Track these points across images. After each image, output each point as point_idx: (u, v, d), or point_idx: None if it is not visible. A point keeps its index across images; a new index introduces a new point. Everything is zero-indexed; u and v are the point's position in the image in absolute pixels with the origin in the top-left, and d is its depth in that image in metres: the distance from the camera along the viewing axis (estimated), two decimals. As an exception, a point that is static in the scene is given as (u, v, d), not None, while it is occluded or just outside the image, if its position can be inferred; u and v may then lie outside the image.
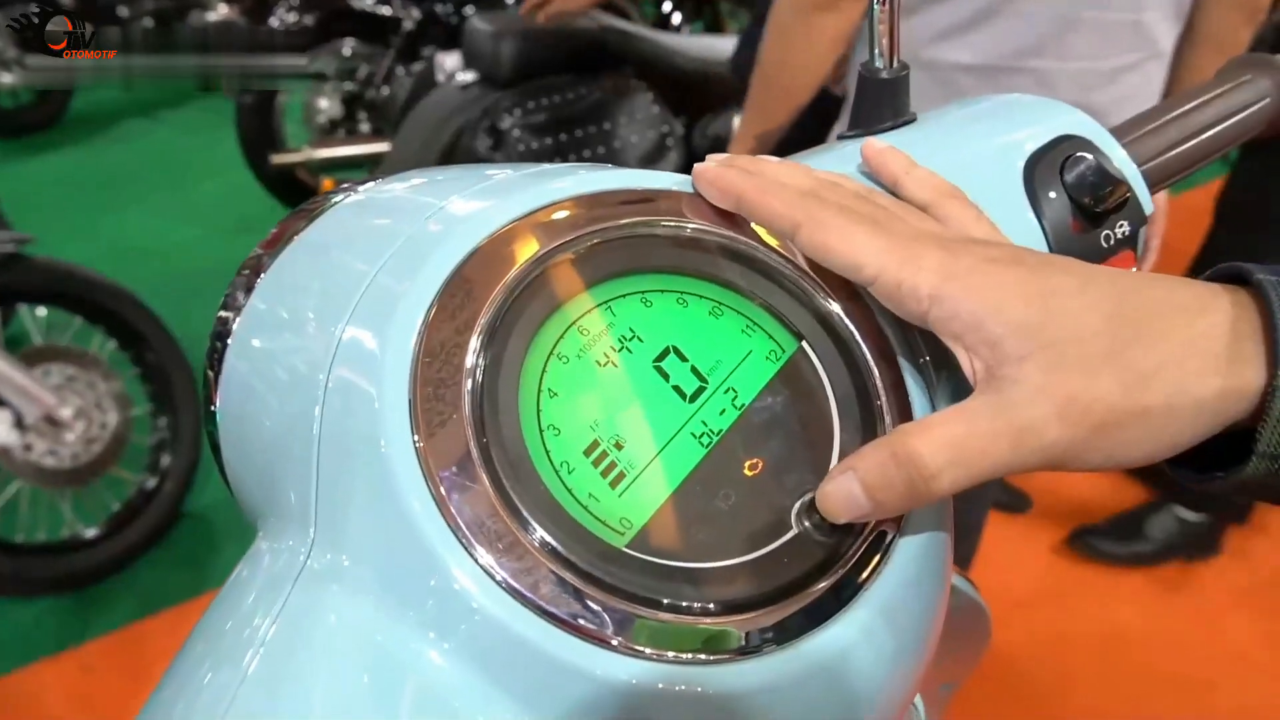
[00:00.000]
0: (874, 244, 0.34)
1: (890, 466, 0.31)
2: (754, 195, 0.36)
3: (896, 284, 0.33)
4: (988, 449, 0.31)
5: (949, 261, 0.33)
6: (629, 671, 0.29)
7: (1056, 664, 1.79)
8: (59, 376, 1.96)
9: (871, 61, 0.43)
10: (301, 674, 0.29)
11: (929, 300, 0.32)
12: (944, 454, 0.31)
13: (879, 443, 0.32)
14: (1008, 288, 0.32)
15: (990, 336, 0.31)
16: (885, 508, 0.31)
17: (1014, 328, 0.31)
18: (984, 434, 0.31)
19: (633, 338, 0.34)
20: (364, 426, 0.31)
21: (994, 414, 0.31)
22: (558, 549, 0.29)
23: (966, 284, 0.32)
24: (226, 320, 0.37)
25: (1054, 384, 0.30)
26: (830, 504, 0.32)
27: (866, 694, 0.32)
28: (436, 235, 0.34)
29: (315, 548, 0.31)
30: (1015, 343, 0.31)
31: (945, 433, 0.31)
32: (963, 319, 0.32)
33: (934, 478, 0.31)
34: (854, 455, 0.32)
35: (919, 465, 0.31)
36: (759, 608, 0.31)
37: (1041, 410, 0.30)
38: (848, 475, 0.32)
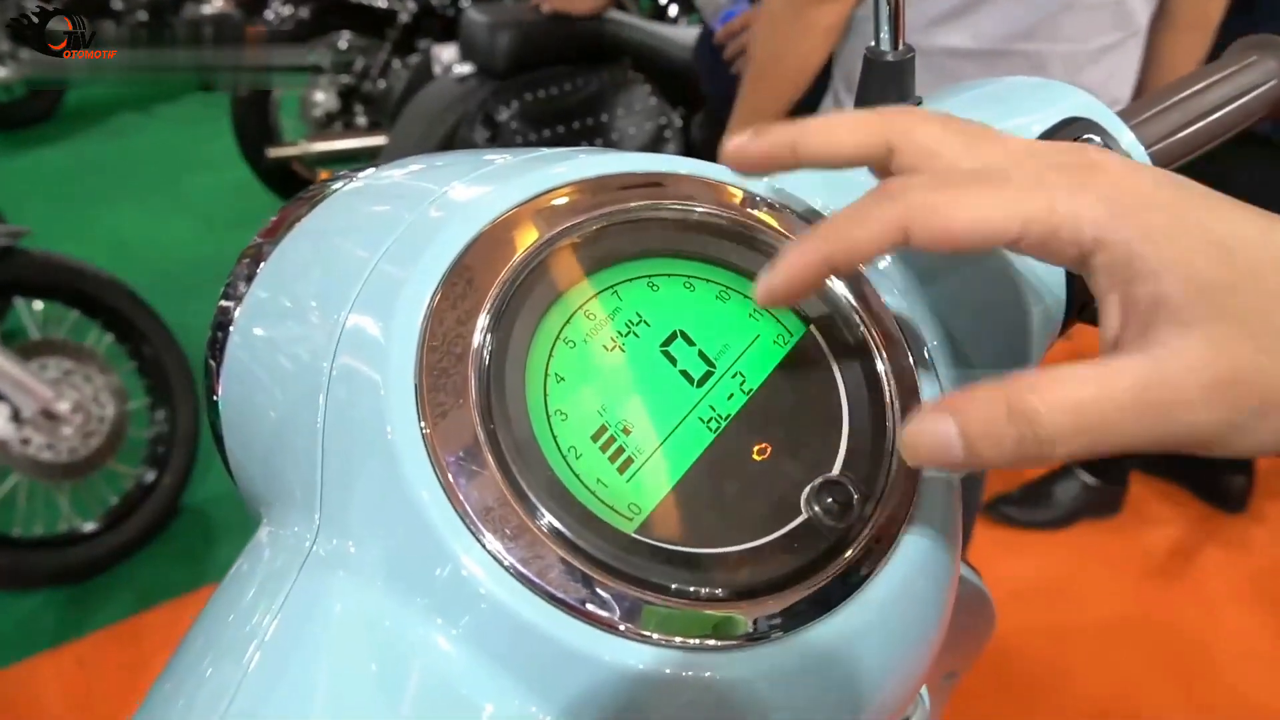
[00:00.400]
0: (1002, 198, 0.28)
1: (1001, 420, 0.27)
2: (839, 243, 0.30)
3: (1051, 231, 0.28)
4: (1121, 421, 0.26)
5: (1109, 190, 0.28)
6: (636, 657, 0.29)
7: (1055, 655, 1.79)
8: (56, 370, 1.96)
9: (877, 44, 0.43)
10: (306, 662, 0.29)
11: (1094, 243, 0.28)
12: (1068, 419, 0.26)
13: (991, 390, 0.27)
14: (1191, 232, 0.27)
15: (1163, 293, 0.27)
16: (982, 461, 0.28)
17: (1198, 289, 0.26)
18: (1120, 403, 0.26)
19: (640, 322, 0.34)
20: (369, 414, 0.31)
21: (1138, 382, 0.26)
22: (565, 534, 0.29)
23: (1142, 224, 0.27)
24: (228, 309, 0.37)
25: (1220, 360, 0.26)
26: (917, 445, 0.28)
27: (874, 681, 0.32)
28: (440, 221, 0.34)
29: (321, 534, 0.31)
30: (1192, 306, 0.26)
31: (1074, 394, 0.27)
32: (1134, 268, 0.27)
33: (1050, 442, 0.27)
34: (958, 397, 0.28)
35: (1036, 424, 0.27)
36: (767, 594, 0.31)
37: (1197, 387, 0.26)
38: (944, 418, 0.28)
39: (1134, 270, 0.27)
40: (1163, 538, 2.06)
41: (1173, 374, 0.26)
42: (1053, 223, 0.28)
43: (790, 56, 1.21)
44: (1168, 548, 2.04)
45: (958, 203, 0.29)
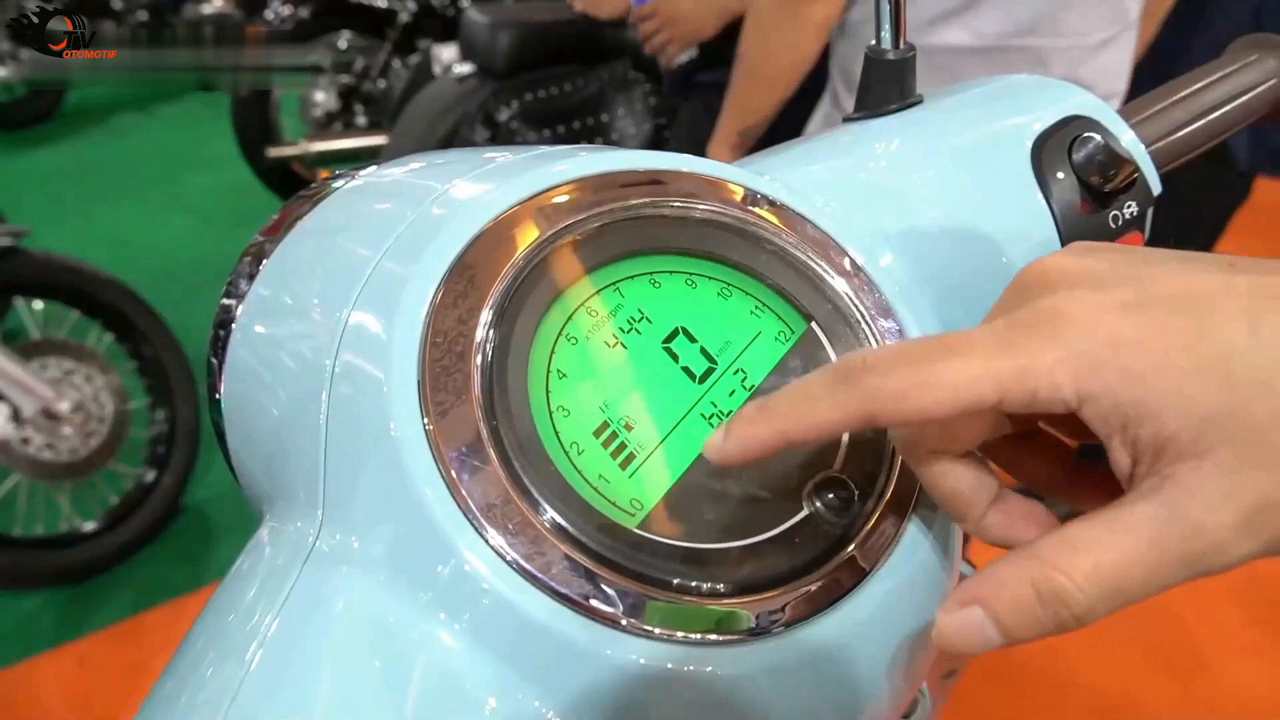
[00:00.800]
0: (970, 369, 0.27)
1: (1033, 605, 0.26)
2: (794, 424, 0.29)
3: (1030, 395, 0.26)
4: (1152, 577, 0.25)
5: (1078, 341, 0.26)
6: (639, 652, 0.29)
7: (1054, 652, 1.79)
8: (56, 370, 1.96)
9: (878, 43, 0.43)
10: (309, 657, 0.29)
11: (1078, 399, 0.26)
12: (1099, 589, 0.26)
13: (1015, 572, 0.27)
14: (1176, 360, 0.25)
15: (1165, 432, 0.25)
16: (1023, 641, 0.27)
17: (1200, 421, 0.25)
18: (1148, 560, 0.25)
19: (641, 319, 0.34)
20: (372, 411, 0.31)
21: (1162, 532, 0.25)
22: (568, 530, 0.29)
23: (1122, 369, 0.25)
24: (230, 308, 0.37)
25: (1241, 487, 0.25)
26: (954, 639, 0.28)
27: (876, 676, 0.32)
28: (441, 218, 0.34)
29: (324, 530, 0.31)
30: (1195, 438, 0.25)
31: (1100, 562, 0.25)
32: (1127, 414, 0.26)
33: (1085, 615, 0.26)
34: (983, 583, 0.27)
35: (1068, 604, 0.26)
36: (769, 589, 0.31)
37: (1226, 524, 0.25)
38: (975, 610, 0.27)
39: (1127, 416, 0.26)
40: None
41: (1197, 515, 0.25)
42: (1028, 387, 0.26)
43: (781, 54, 1.21)
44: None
45: (924, 384, 0.27)
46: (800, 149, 0.44)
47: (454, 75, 2.47)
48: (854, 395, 0.28)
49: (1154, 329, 0.26)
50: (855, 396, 0.28)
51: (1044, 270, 0.29)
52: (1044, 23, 1.13)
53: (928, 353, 0.27)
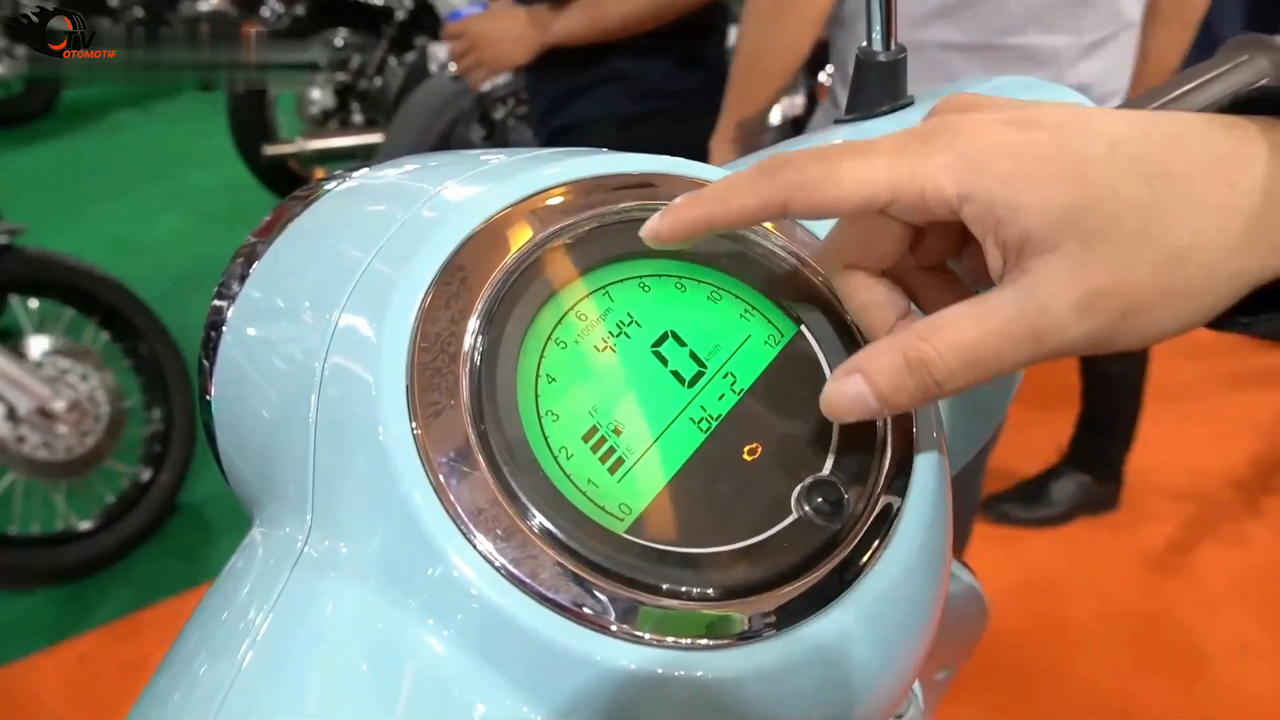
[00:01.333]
0: (870, 167, 0.30)
1: (902, 371, 0.30)
2: (718, 208, 0.33)
3: (919, 194, 0.30)
4: (1003, 350, 0.29)
5: (964, 147, 0.30)
6: (629, 657, 0.29)
7: (1052, 650, 1.79)
8: (52, 369, 1.96)
9: (869, 44, 0.43)
10: (298, 662, 0.29)
11: (959, 199, 0.30)
12: (957, 358, 0.29)
13: (889, 344, 0.31)
14: (1042, 166, 0.29)
15: (1027, 228, 0.29)
16: (895, 408, 0.31)
17: (1055, 217, 0.28)
18: (1001, 334, 0.29)
19: (631, 323, 0.34)
20: (361, 414, 0.31)
21: (1014, 312, 0.29)
22: (557, 535, 0.29)
23: (996, 172, 0.29)
24: (221, 309, 0.37)
25: (1083, 276, 0.28)
26: (838, 405, 0.31)
27: (866, 678, 0.32)
28: (432, 221, 0.34)
29: (312, 535, 0.31)
30: (1050, 233, 0.29)
31: (959, 336, 0.29)
32: (997, 212, 0.29)
33: (947, 381, 0.30)
34: (863, 354, 0.31)
35: (931, 369, 0.30)
36: (759, 593, 0.31)
37: (1066, 305, 0.29)
38: (855, 378, 0.31)
39: (998, 216, 0.29)
40: (1159, 534, 2.06)
41: (1042, 298, 0.29)
42: (917, 185, 0.30)
43: (776, 46, 1.22)
44: (1165, 544, 2.04)
45: (829, 177, 0.31)
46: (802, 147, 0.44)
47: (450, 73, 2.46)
48: (772, 185, 0.32)
49: (1029, 142, 0.29)
50: (773, 186, 0.31)
51: (956, 96, 0.34)
52: (1034, 21, 1.14)
53: (838, 153, 0.31)
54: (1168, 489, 2.17)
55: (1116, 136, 0.29)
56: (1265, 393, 2.50)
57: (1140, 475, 2.19)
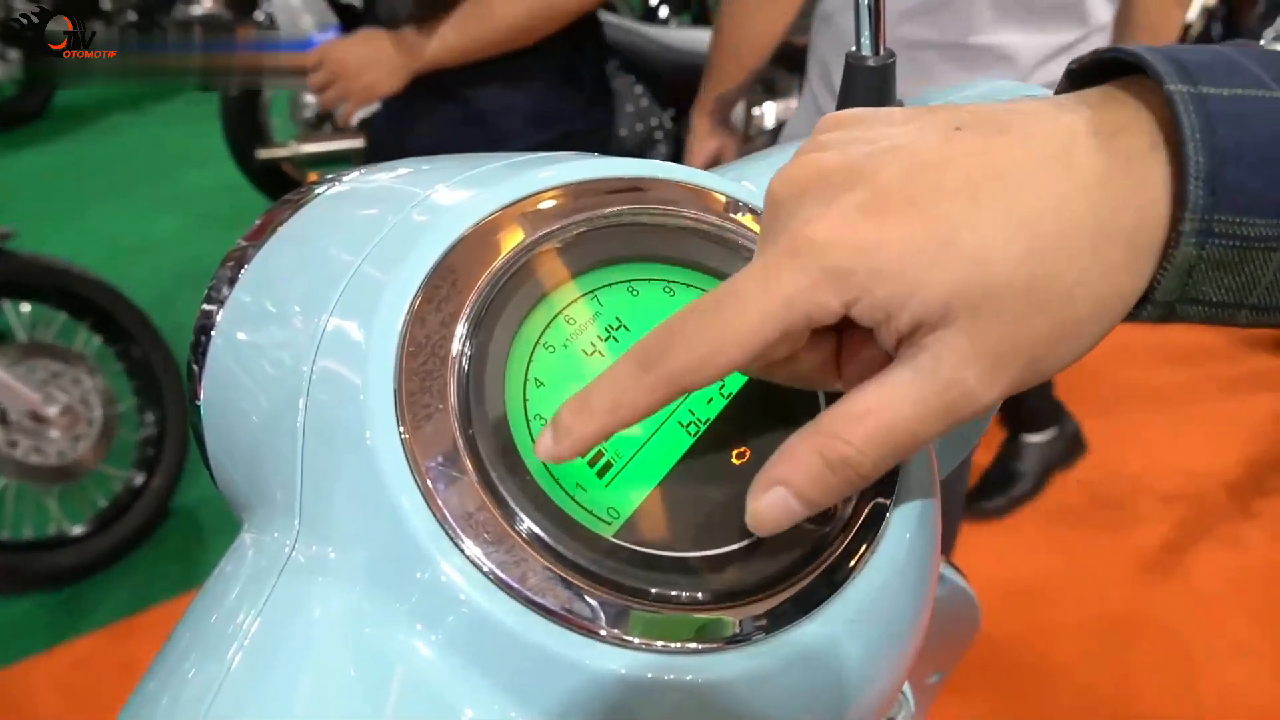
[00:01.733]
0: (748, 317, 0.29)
1: (824, 473, 0.29)
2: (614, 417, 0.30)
3: (805, 318, 0.29)
4: (918, 430, 0.29)
5: (830, 260, 0.28)
6: (617, 661, 0.29)
7: (1046, 652, 1.80)
8: (44, 373, 1.95)
9: (858, 49, 0.43)
10: (287, 666, 0.29)
11: (844, 306, 0.29)
12: (876, 449, 0.29)
13: (803, 449, 0.30)
14: (914, 256, 0.28)
15: (914, 316, 0.28)
16: (822, 507, 0.30)
17: (939, 300, 0.28)
18: (914, 416, 0.29)
19: (620, 326, 0.34)
20: (349, 418, 0.31)
21: (921, 391, 0.29)
22: (545, 539, 0.29)
23: (869, 270, 0.28)
24: (210, 313, 0.37)
25: (983, 345, 0.28)
26: (765, 520, 0.30)
27: (855, 681, 0.32)
28: (421, 224, 0.34)
29: (300, 540, 0.31)
30: (942, 313, 0.28)
31: (874, 424, 0.29)
32: (885, 309, 0.28)
33: (871, 472, 0.30)
34: (779, 465, 0.30)
35: (852, 465, 0.29)
36: (747, 597, 0.31)
37: (973, 375, 0.28)
38: (777, 490, 0.30)
39: (886, 311, 0.28)
40: (1153, 536, 2.06)
41: (946, 374, 0.28)
42: (801, 311, 0.29)
43: (752, 24, 1.26)
44: (1158, 546, 2.04)
45: (716, 352, 0.29)
46: (781, 155, 0.45)
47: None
48: (660, 379, 0.30)
49: (890, 228, 0.28)
50: (661, 380, 0.30)
51: (784, 185, 0.31)
52: (1006, 22, 1.17)
53: (707, 321, 0.30)
54: (1162, 491, 2.18)
55: (977, 184, 0.28)
56: (1258, 395, 2.51)
57: (1134, 478, 2.19)
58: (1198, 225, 0.27)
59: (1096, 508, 2.14)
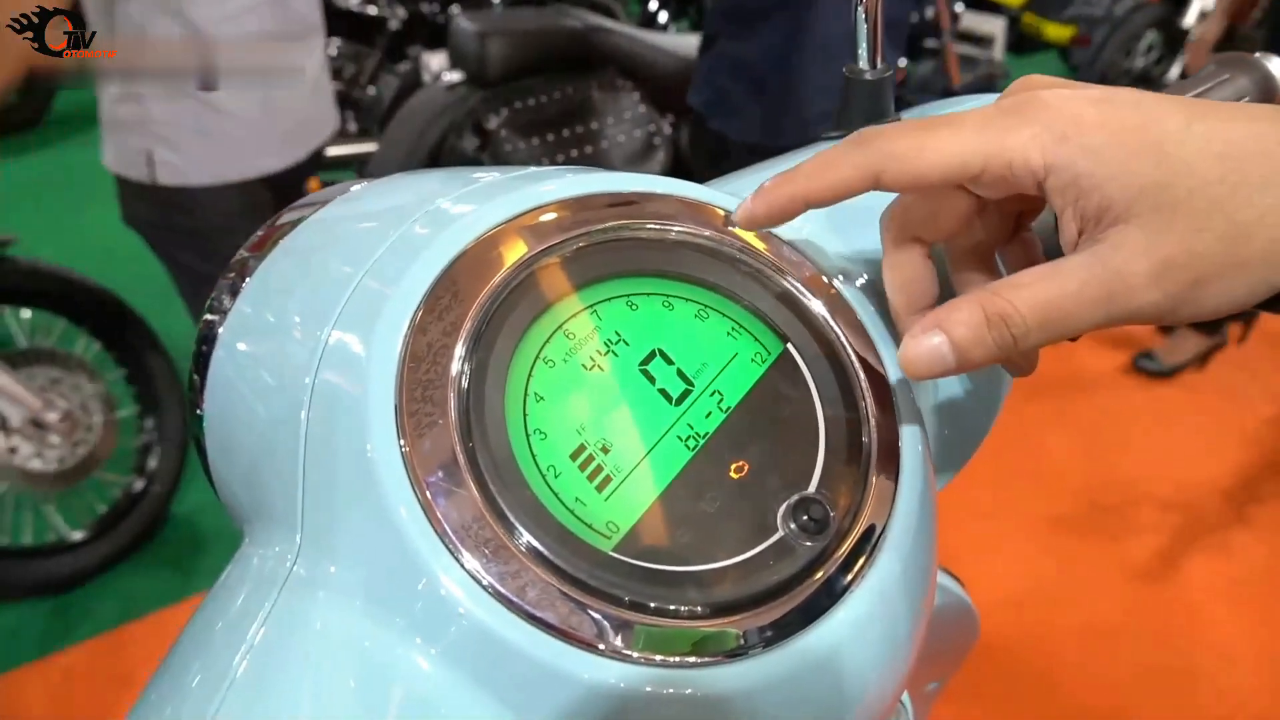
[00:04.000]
0: (961, 139, 0.32)
1: (981, 325, 0.31)
2: (814, 182, 0.34)
3: (1007, 165, 0.31)
4: (1078, 311, 0.31)
5: (1051, 121, 0.31)
6: (616, 675, 0.29)
7: (1041, 658, 1.80)
8: (43, 379, 1.95)
9: (855, 63, 0.43)
10: (288, 679, 0.29)
11: (1045, 170, 0.31)
12: (1035, 315, 0.31)
13: (966, 301, 0.32)
14: (1124, 141, 0.30)
15: (1107, 199, 0.30)
16: (971, 364, 0.32)
17: (1136, 190, 0.30)
18: (1076, 296, 0.31)
19: (619, 341, 0.34)
20: (350, 431, 0.31)
21: (1089, 276, 0.31)
22: (544, 553, 0.29)
23: (1082, 144, 0.31)
24: (213, 324, 0.37)
25: (1156, 245, 0.30)
26: (916, 361, 0.32)
27: (853, 693, 0.33)
28: (423, 238, 0.34)
29: (301, 553, 0.31)
30: (1131, 205, 0.30)
31: (1038, 294, 0.31)
32: (1081, 184, 0.31)
33: (1023, 337, 0.31)
34: (940, 310, 0.32)
35: (1010, 324, 0.31)
36: (745, 610, 0.31)
37: (1139, 272, 0.30)
38: (934, 333, 0.32)
39: (1081, 187, 0.31)
40: (1147, 544, 2.07)
41: (1118, 264, 0.30)
42: (1006, 157, 0.31)
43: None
44: (1152, 554, 2.05)
45: (922, 148, 0.32)
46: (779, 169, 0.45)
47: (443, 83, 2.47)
48: (867, 155, 0.33)
49: (1112, 117, 0.31)
50: (867, 156, 0.33)
51: (1028, 79, 0.35)
52: None
53: (930, 125, 0.33)
54: (1155, 499, 2.18)
55: (1190, 117, 0.31)
56: (1254, 403, 2.52)
57: (1127, 486, 2.20)
58: None
59: (1093, 515, 2.14)
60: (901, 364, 0.33)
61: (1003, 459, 2.19)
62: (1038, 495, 2.19)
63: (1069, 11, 4.65)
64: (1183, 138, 0.30)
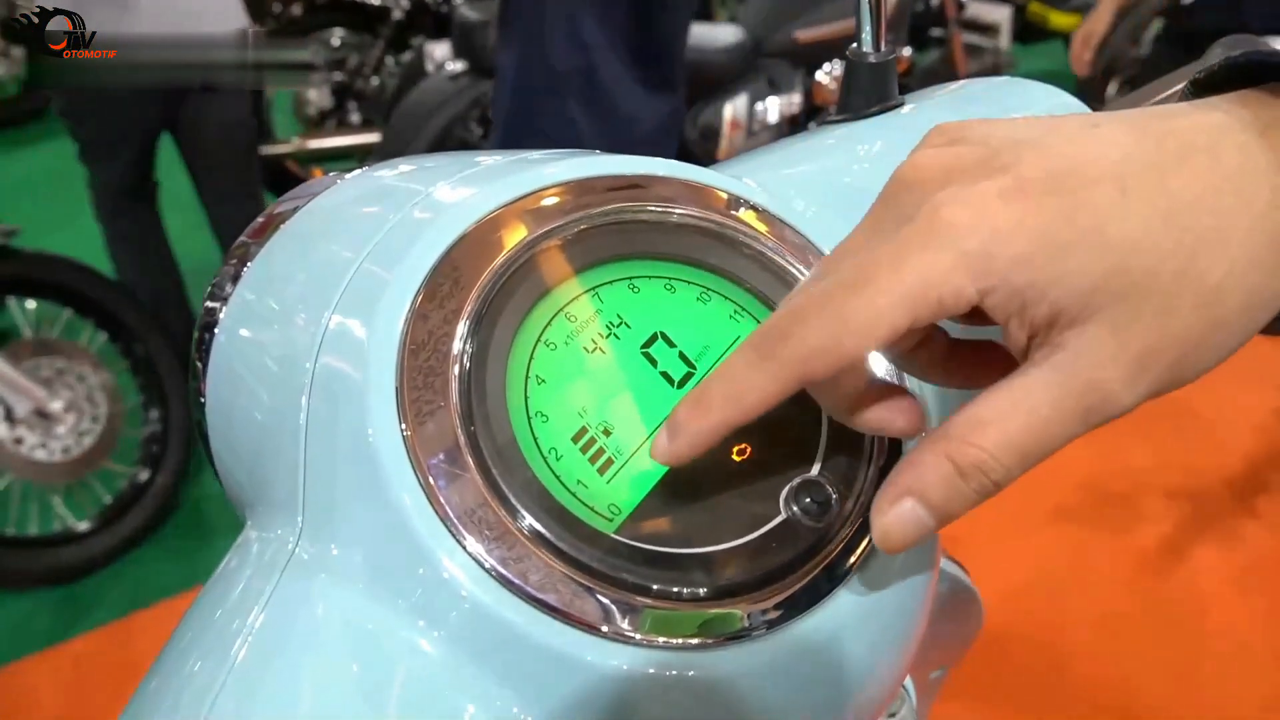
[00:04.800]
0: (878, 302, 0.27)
1: (956, 481, 0.28)
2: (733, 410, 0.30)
3: (937, 304, 0.27)
4: (1057, 433, 0.27)
5: (968, 242, 0.27)
6: (619, 657, 0.29)
7: (1050, 649, 1.80)
8: (49, 370, 1.96)
9: (859, 45, 0.43)
10: (290, 662, 0.29)
11: (979, 294, 0.27)
12: (1011, 455, 0.27)
13: (930, 456, 0.28)
14: (1057, 239, 0.27)
15: (1055, 306, 0.27)
16: (953, 518, 0.29)
17: (1083, 289, 0.27)
18: (1051, 419, 0.27)
19: (620, 324, 0.34)
20: (351, 415, 0.31)
21: (1060, 394, 0.27)
22: (546, 536, 0.29)
23: (1011, 258, 0.27)
24: (214, 310, 0.37)
25: (1127, 342, 0.27)
26: (894, 535, 0.29)
27: (855, 677, 0.33)
28: (423, 222, 0.34)
29: (303, 537, 0.31)
30: (1083, 305, 0.27)
31: (1009, 431, 0.27)
32: (1024, 297, 0.27)
33: (1004, 480, 0.28)
34: (905, 474, 0.29)
35: (989, 471, 0.28)
36: (748, 593, 0.31)
37: (1114, 377, 0.27)
38: (905, 502, 0.29)
39: (1025, 299, 0.27)
40: (1156, 534, 2.06)
41: (1088, 373, 0.27)
42: (933, 296, 0.27)
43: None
44: (1161, 544, 2.04)
45: (843, 335, 0.28)
46: (782, 152, 0.45)
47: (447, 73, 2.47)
48: (783, 366, 0.29)
49: (1032, 213, 0.27)
50: (784, 367, 0.29)
51: (916, 170, 0.29)
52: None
53: (834, 304, 0.28)
54: (1164, 489, 2.18)
55: (1122, 174, 0.27)
56: (1261, 393, 2.51)
57: (1136, 475, 2.19)
58: None
59: (1101, 505, 2.14)
60: (878, 542, 0.29)
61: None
62: (1045, 484, 2.18)
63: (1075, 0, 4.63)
64: (1121, 212, 0.27)
